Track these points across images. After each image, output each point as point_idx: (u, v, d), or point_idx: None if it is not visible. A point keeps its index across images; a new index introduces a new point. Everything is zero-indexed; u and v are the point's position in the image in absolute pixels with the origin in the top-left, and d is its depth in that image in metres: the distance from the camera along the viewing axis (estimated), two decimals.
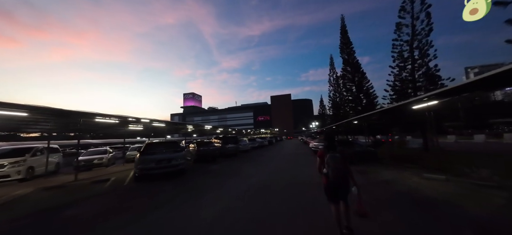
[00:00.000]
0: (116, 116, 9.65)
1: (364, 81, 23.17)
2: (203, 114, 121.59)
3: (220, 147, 16.15)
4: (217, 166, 11.32)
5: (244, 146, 20.79)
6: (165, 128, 18.68)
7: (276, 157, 15.49)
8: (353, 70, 24.09)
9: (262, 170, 9.76)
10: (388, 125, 18.56)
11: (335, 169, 2.71)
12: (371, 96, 22.54)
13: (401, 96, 14.87)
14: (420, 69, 14.40)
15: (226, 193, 5.82)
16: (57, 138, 26.19)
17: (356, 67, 23.94)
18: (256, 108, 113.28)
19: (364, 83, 23.13)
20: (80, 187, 7.50)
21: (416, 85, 14.56)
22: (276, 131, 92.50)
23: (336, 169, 2.71)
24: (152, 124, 15.47)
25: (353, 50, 24.61)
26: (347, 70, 24.74)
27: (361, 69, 23.76)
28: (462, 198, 4.63)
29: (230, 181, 7.46)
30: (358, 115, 13.87)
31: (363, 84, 23.13)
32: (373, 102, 22.24)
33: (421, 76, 14.35)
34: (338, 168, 2.72)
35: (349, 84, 24.75)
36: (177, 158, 8.10)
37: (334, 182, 2.74)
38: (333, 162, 2.73)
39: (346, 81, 25.25)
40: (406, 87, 15.08)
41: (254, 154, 18.08)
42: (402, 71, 15.52)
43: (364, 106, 22.62)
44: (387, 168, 8.89)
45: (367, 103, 22.52)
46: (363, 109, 21.85)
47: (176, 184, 7.11)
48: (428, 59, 13.97)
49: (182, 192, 6.07)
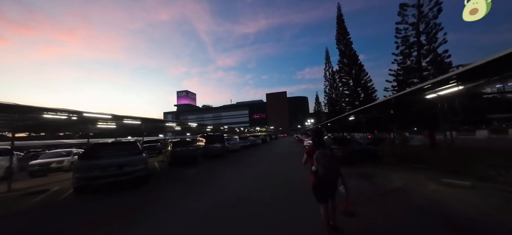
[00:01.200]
0: (64, 111, 7.86)
1: (361, 74, 21.80)
2: (198, 112, 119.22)
3: (203, 146, 14.49)
4: (195, 170, 9.68)
5: (233, 145, 19.17)
6: (142, 126, 16.83)
7: (267, 156, 13.98)
8: (350, 62, 22.67)
9: (246, 175, 8.19)
10: (388, 120, 17.25)
11: (326, 166, 2.60)
12: (369, 90, 21.21)
13: (405, 87, 13.46)
14: (427, 56, 12.96)
15: (187, 213, 4.21)
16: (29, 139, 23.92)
17: (354, 59, 22.52)
18: (251, 106, 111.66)
19: (361, 76, 21.76)
20: (2, 201, 5.74)
21: (422, 74, 13.13)
22: (272, 129, 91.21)
23: (327, 166, 2.60)
24: (124, 121, 13.64)
25: (350, 41, 23.17)
26: (344, 63, 23.31)
27: (358, 61, 22.40)
28: (508, 214, 3.33)
29: (201, 191, 5.84)
30: (355, 109, 12.47)
31: (361, 78, 21.76)
32: (371, 96, 20.92)
33: (428, 63, 12.90)
34: (329, 165, 2.62)
35: (346, 78, 23.34)
36: (134, 163, 6.38)
37: (325, 179, 2.65)
38: (324, 158, 2.64)
39: (342, 75, 23.84)
40: (411, 76, 13.64)
41: (243, 154, 16.50)
42: (407, 59, 14.04)
43: (362, 101, 21.28)
44: (392, 169, 7.47)
45: (365, 98, 21.19)
46: (360, 104, 20.53)
47: (126, 198, 5.45)
48: (437, 44, 12.54)
49: (128, 212, 4.42)
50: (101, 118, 10.24)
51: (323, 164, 2.58)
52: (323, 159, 2.61)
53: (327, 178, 2.62)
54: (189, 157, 11.37)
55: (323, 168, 2.58)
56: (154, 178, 7.99)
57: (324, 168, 2.58)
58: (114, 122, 14.35)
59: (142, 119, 14.65)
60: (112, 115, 9.89)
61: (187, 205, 4.68)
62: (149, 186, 6.67)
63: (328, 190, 2.71)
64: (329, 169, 2.59)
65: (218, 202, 4.71)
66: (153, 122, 16.06)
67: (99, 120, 11.97)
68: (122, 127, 17.47)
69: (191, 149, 11.51)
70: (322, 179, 2.62)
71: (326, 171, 2.58)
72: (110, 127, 15.07)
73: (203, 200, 5.00)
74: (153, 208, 4.55)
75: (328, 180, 2.65)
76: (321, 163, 2.60)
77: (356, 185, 5.53)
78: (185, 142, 12.60)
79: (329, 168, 2.59)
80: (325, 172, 2.58)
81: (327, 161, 2.59)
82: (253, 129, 60.98)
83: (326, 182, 2.66)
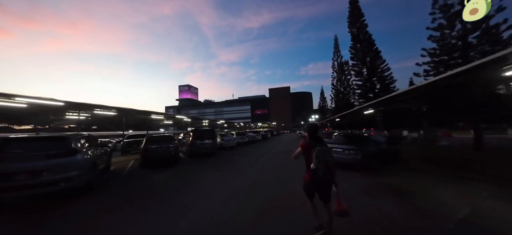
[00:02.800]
0: None
1: (378, 62, 18.67)
2: (199, 107, 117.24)
3: (189, 143, 11.95)
4: (166, 175, 7.16)
5: (229, 142, 16.60)
6: (121, 117, 14.36)
7: (264, 156, 11.41)
8: (364, 48, 19.51)
9: (228, 185, 5.61)
10: (412, 114, 14.39)
11: (328, 163, 2.36)
12: (387, 80, 18.15)
13: (443, 70, 10.53)
14: (478, 29, 9.93)
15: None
16: None
17: (368, 44, 19.34)
18: (253, 102, 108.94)
19: (377, 64, 18.62)
20: None
21: (466, 51, 10.10)
22: (274, 124, 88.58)
23: (328, 163, 2.36)
24: (95, 111, 11.22)
25: (364, 24, 19.98)
26: (357, 49, 20.19)
27: (374, 47, 19.19)
28: None
29: (145, 219, 3.32)
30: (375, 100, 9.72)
31: (377, 66, 18.63)
32: (389, 88, 17.90)
33: (479, 38, 9.88)
34: (330, 162, 2.37)
35: (359, 67, 20.23)
36: (59, 168, 4.04)
37: (325, 179, 2.40)
38: (325, 155, 2.37)
39: (355, 63, 20.69)
40: (453, 56, 10.55)
41: (238, 152, 13.95)
42: (448, 32, 10.93)
43: (378, 93, 18.32)
44: (430, 180, 5.31)
45: (381, 89, 18.19)
46: (375, 97, 17.62)
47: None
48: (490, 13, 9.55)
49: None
50: (53, 106, 7.73)
51: (324, 162, 2.33)
52: (324, 157, 2.35)
53: (327, 178, 2.40)
54: (164, 157, 8.84)
55: (324, 166, 2.32)
56: (102, 188, 5.50)
57: (326, 166, 2.32)
58: (83, 113, 11.91)
59: (119, 109, 12.18)
60: (66, 103, 7.36)
61: None
62: (90, 201, 4.19)
63: (324, 191, 2.52)
64: (330, 167, 2.34)
65: None
66: (135, 113, 13.57)
67: (54, 109, 9.51)
68: (96, 119, 15.11)
69: (167, 147, 8.96)
70: (322, 178, 2.37)
71: (327, 170, 2.32)
72: (81, 118, 12.65)
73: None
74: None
75: (328, 180, 2.44)
76: (322, 161, 2.34)
77: (388, 210, 3.45)
78: (163, 138, 10.04)
79: (331, 167, 2.35)
80: (326, 171, 2.32)
81: (328, 159, 2.36)
82: (254, 125, 58.42)
83: (325, 182, 2.46)
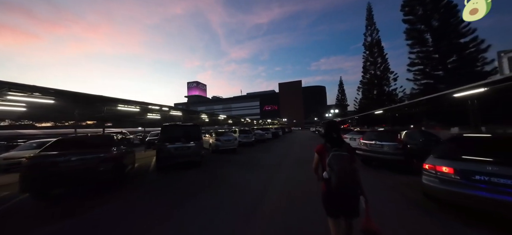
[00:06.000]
0: None
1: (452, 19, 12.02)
2: (207, 103, 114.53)
3: (157, 149, 7.48)
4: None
5: (227, 143, 12.05)
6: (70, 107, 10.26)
7: (278, 170, 6.76)
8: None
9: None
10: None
11: (341, 172, 1.81)
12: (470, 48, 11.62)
13: None
14: None
15: None
16: None
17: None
18: (262, 97, 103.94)
19: (451, 22, 12.03)
20: None
21: None
22: (284, 121, 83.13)
23: (343, 173, 1.81)
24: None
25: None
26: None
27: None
28: None
29: None
30: (463, 87, 4.65)
31: (452, 25, 12.04)
32: (472, 61, 11.52)
33: None
34: (346, 171, 1.81)
35: (422, 27, 13.21)
36: None
37: (339, 191, 1.84)
38: (339, 162, 1.84)
39: (414, 28, 13.87)
40: None
41: (238, 161, 9.39)
42: None
43: (453, 68, 11.99)
44: None
45: (459, 63, 11.81)
46: (447, 75, 11.45)
47: None
48: None
49: None
50: None
51: (338, 170, 1.81)
52: (337, 164, 1.83)
53: (342, 190, 1.83)
54: (78, 177, 4.42)
55: (337, 175, 1.80)
56: None
57: (338, 176, 1.80)
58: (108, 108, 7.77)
59: (58, 92, 7.78)
60: None
61: None
62: None
63: (344, 204, 1.92)
64: (344, 177, 1.81)
65: None
66: (79, 98, 9.33)
67: None
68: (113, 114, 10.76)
69: (87, 160, 4.51)
70: (336, 190, 1.83)
71: (340, 180, 1.80)
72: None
73: None
74: None
75: (344, 192, 1.86)
76: (334, 169, 1.83)
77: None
78: (82, 140, 5.64)
79: (345, 176, 1.81)
80: (339, 181, 1.80)
81: (343, 166, 1.82)
82: (263, 121, 53.59)
83: (343, 195, 1.87)
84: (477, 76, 10.97)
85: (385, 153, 6.77)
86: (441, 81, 12.13)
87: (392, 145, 6.60)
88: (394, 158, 6.47)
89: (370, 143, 7.44)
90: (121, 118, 15.68)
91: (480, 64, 11.45)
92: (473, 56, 11.51)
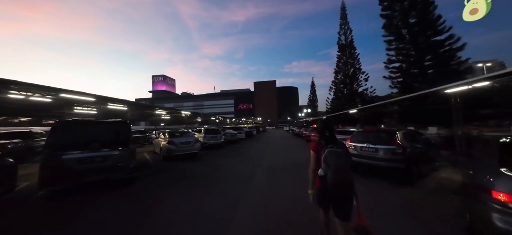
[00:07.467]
0: None
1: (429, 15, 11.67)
2: (176, 100, 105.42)
3: (42, 158, 4.39)
4: None
5: (184, 147, 9.21)
6: None
7: (245, 186, 4.43)
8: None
9: None
10: None
11: (337, 169, 1.79)
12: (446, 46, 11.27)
13: None
14: None
15: None
16: None
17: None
18: (237, 96, 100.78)
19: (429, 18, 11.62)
20: None
21: None
22: (259, 120, 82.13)
23: (339, 169, 1.79)
24: None
25: None
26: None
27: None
28: None
29: None
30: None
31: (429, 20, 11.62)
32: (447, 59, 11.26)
33: None
34: (341, 166, 1.81)
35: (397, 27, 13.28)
36: None
37: (335, 188, 1.81)
38: (335, 159, 1.81)
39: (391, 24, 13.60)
40: None
41: (195, 169, 6.75)
42: None
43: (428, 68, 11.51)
44: None
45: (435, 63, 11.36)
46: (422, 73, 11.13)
47: None
48: None
49: None
50: None
51: (334, 167, 1.79)
52: (333, 160, 1.81)
53: (338, 187, 1.81)
54: None
55: (333, 172, 1.79)
56: None
57: (335, 172, 1.79)
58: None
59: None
60: None
61: None
62: None
63: (338, 205, 1.90)
64: (341, 174, 1.79)
65: None
66: None
67: None
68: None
69: None
70: (332, 188, 1.82)
71: (337, 177, 1.79)
72: None
73: None
74: None
75: (339, 190, 1.84)
76: (331, 165, 1.81)
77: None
78: None
79: (341, 172, 1.79)
80: (336, 177, 1.79)
81: (340, 163, 1.81)
82: (237, 120, 51.06)
83: (338, 195, 1.86)
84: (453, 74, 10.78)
85: (381, 159, 5.33)
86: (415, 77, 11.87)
87: (389, 149, 5.18)
88: (392, 166, 5.06)
89: (361, 146, 5.75)
90: (34, 112, 11.28)
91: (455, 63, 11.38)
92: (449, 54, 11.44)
